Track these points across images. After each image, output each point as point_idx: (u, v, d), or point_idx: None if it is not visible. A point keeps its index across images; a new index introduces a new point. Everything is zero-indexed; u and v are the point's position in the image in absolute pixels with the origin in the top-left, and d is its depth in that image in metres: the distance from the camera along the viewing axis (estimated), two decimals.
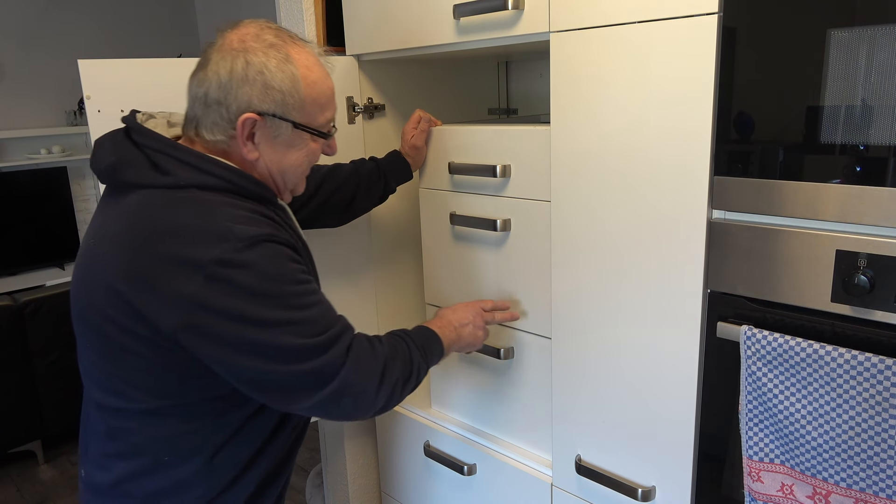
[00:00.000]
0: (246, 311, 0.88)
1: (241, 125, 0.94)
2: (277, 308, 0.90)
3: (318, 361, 0.93)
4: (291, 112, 0.96)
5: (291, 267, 0.93)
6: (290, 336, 0.91)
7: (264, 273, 0.89)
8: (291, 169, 1.02)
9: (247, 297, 0.88)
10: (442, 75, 1.78)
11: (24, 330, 2.68)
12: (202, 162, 0.94)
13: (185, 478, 0.99)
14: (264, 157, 0.99)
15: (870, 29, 0.82)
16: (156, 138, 0.95)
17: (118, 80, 1.32)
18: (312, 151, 1.03)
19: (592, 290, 1.19)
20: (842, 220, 0.89)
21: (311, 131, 1.00)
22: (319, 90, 0.98)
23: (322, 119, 1.01)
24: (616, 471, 1.23)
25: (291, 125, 0.97)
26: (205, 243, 0.87)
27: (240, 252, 0.88)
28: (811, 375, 0.91)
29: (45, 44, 3.91)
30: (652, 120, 1.04)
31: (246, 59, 0.93)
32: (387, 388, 1.02)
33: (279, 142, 0.98)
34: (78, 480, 1.07)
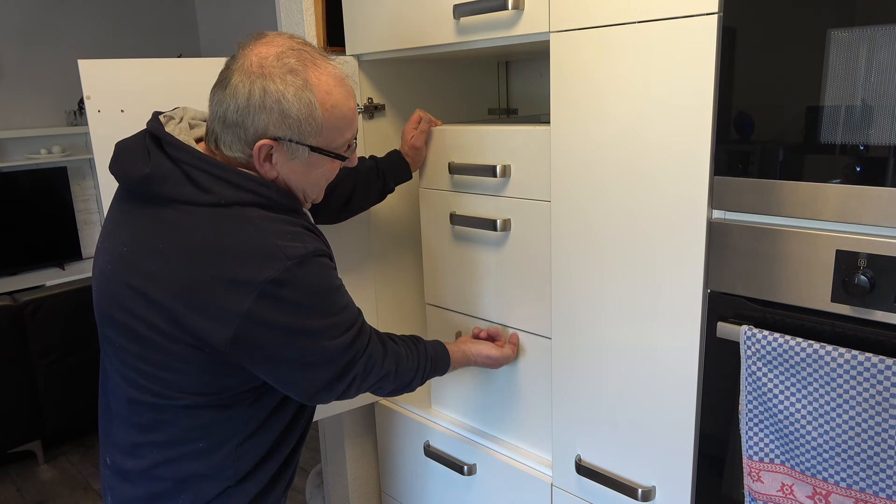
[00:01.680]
0: (293, 323, 0.95)
1: (257, 150, 0.96)
2: (320, 317, 0.98)
3: (343, 359, 1.02)
4: (308, 138, 0.97)
5: (333, 276, 1.01)
6: (327, 339, 0.99)
7: (311, 289, 0.96)
8: (310, 186, 1.04)
9: (295, 310, 0.94)
10: (442, 75, 1.78)
11: (24, 330, 2.68)
12: (240, 179, 0.96)
13: (216, 463, 1.04)
14: (283, 176, 1.01)
15: (870, 29, 0.82)
16: (189, 152, 0.96)
17: (118, 80, 1.32)
18: (330, 170, 1.05)
19: (592, 290, 1.19)
20: (842, 220, 0.89)
21: (329, 154, 1.01)
22: (339, 114, 0.98)
23: (340, 140, 1.01)
24: (616, 471, 1.23)
25: (309, 149, 0.98)
26: (258, 264, 0.91)
27: (290, 271, 0.92)
28: (811, 375, 0.91)
29: (45, 44, 3.91)
30: (652, 120, 1.04)
31: (264, 86, 0.93)
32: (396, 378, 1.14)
33: (297, 163, 0.99)
34: (101, 467, 1.11)
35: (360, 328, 1.05)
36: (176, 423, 1.01)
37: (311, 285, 0.95)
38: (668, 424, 1.13)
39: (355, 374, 1.04)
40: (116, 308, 0.98)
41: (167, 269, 0.93)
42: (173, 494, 1.03)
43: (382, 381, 1.11)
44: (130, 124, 1.37)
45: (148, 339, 0.95)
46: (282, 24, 1.64)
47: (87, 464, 2.88)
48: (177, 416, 1.00)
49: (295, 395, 1.03)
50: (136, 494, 1.04)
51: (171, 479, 1.03)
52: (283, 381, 1.00)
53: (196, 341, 0.93)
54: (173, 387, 0.98)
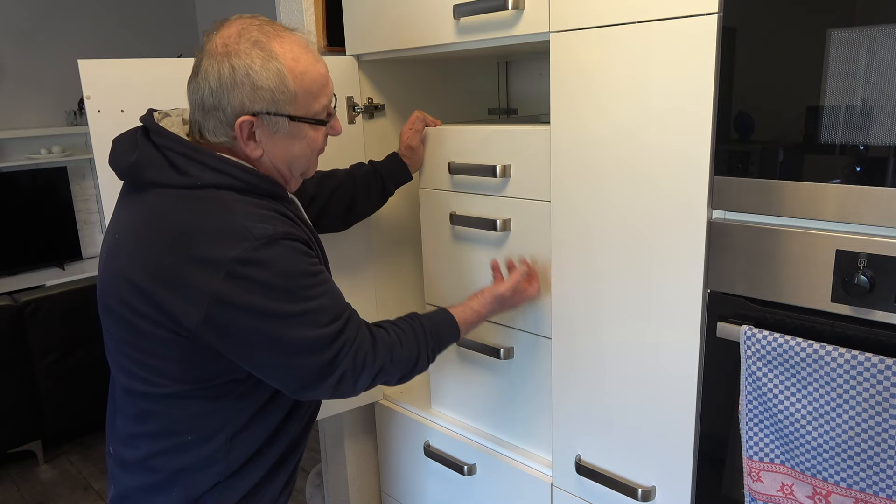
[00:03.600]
0: (263, 305, 0.92)
1: (238, 129, 0.97)
2: (293, 301, 0.94)
3: (329, 351, 0.98)
4: (284, 107, 0.98)
5: (305, 261, 0.97)
6: (304, 327, 0.96)
7: (280, 269, 0.93)
8: (296, 159, 1.04)
9: (264, 292, 0.92)
10: (442, 75, 1.78)
11: (24, 330, 2.68)
12: (217, 162, 0.97)
13: (207, 455, 1.04)
14: (268, 154, 1.01)
15: (870, 29, 0.82)
16: (173, 139, 0.98)
17: (118, 80, 1.32)
18: (314, 139, 1.05)
19: (592, 289, 1.19)
20: (842, 220, 0.89)
21: (308, 121, 1.01)
22: (310, 79, 0.99)
23: (318, 106, 1.02)
24: (616, 471, 1.23)
25: (288, 119, 0.99)
26: (225, 243, 0.91)
27: (257, 250, 0.91)
28: (811, 375, 0.91)
29: (45, 44, 3.91)
30: (652, 120, 1.04)
31: (231, 63, 0.95)
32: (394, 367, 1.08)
33: (280, 136, 1.00)
34: (106, 456, 1.13)
35: (347, 322, 1.01)
36: (165, 414, 1.02)
37: (279, 267, 0.93)
38: (668, 424, 1.13)
39: (344, 370, 1.00)
40: (109, 295, 0.99)
41: (143, 251, 0.95)
42: (167, 486, 1.04)
43: (381, 374, 1.07)
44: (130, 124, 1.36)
45: (134, 324, 0.96)
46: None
47: (87, 464, 2.88)
48: (166, 407, 1.01)
49: (281, 387, 1.01)
50: (133, 485, 1.06)
51: (164, 471, 1.04)
52: (262, 369, 0.98)
53: (174, 324, 0.94)
54: (159, 373, 0.99)
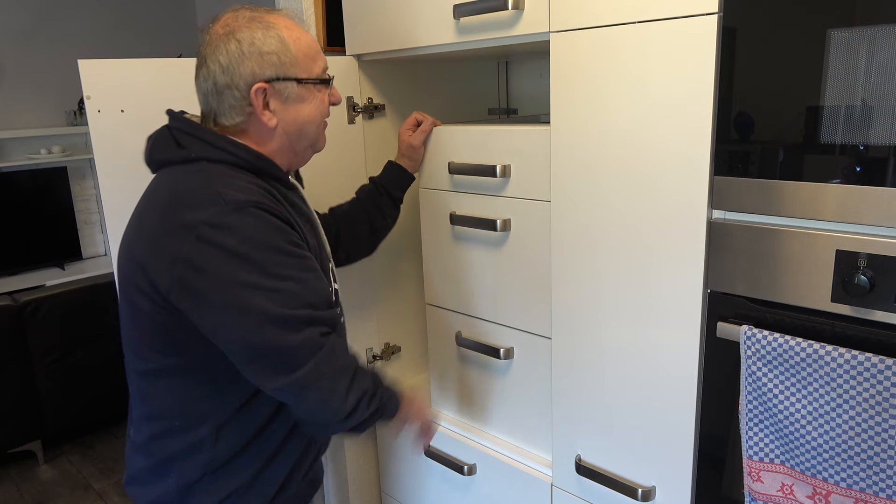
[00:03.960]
0: (226, 271, 0.93)
1: (254, 97, 1.02)
2: (256, 272, 0.94)
3: (291, 338, 0.96)
4: (290, 70, 1.04)
5: (277, 235, 0.97)
6: (265, 301, 0.94)
7: (247, 236, 0.94)
8: (308, 123, 1.09)
9: (229, 257, 0.93)
10: (442, 75, 1.78)
11: (24, 330, 2.68)
12: (213, 138, 1.03)
13: (195, 443, 1.06)
14: (282, 121, 1.06)
15: (870, 29, 0.82)
16: (182, 120, 1.05)
17: (118, 80, 1.32)
18: (321, 101, 1.10)
19: (592, 289, 1.19)
20: (842, 220, 0.89)
21: (313, 81, 1.07)
22: (305, 44, 1.06)
23: (318, 69, 1.08)
24: (616, 471, 1.23)
25: (295, 82, 1.05)
26: (198, 208, 0.94)
27: (226, 215, 0.93)
28: (811, 375, 0.91)
29: (45, 44, 3.90)
30: (652, 120, 1.04)
31: (236, 38, 1.01)
32: (354, 394, 1.03)
33: (291, 101, 1.06)
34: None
35: (319, 325, 0.98)
36: (156, 396, 1.06)
37: (247, 233, 0.94)
38: (668, 424, 1.13)
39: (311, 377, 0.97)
40: (119, 275, 1.05)
41: (141, 224, 1.00)
42: (164, 471, 1.07)
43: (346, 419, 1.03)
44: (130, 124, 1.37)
45: (133, 300, 1.01)
46: None
47: (87, 464, 2.88)
48: (156, 388, 1.05)
49: (246, 370, 0.99)
50: (141, 466, 1.10)
51: (160, 455, 1.07)
52: (230, 346, 0.97)
53: (155, 293, 0.97)
54: (149, 347, 1.03)
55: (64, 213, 3.97)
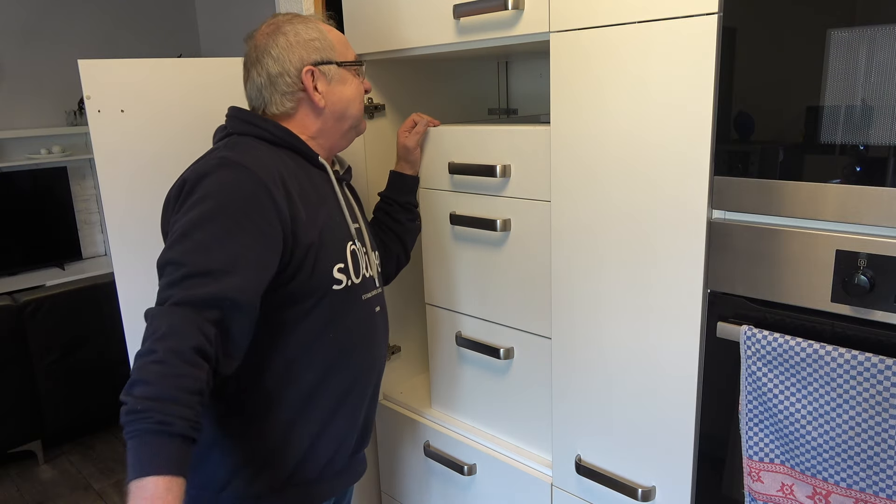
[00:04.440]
0: (191, 210, 0.99)
1: (306, 80, 1.15)
2: (203, 219, 0.98)
3: (161, 276, 0.97)
4: (331, 54, 1.18)
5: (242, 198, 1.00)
6: (185, 244, 0.96)
7: (216, 186, 1.01)
8: (350, 102, 1.21)
9: (198, 200, 1.00)
10: (442, 75, 1.78)
11: (24, 330, 2.68)
12: (249, 116, 1.16)
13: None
14: (329, 102, 1.18)
15: (870, 29, 0.82)
16: (233, 108, 1.18)
17: (118, 80, 1.33)
18: (359, 83, 1.24)
19: (592, 289, 1.19)
20: (842, 220, 0.89)
21: (351, 64, 1.22)
22: (337, 36, 1.21)
23: (351, 55, 1.23)
24: (616, 471, 1.23)
25: (336, 65, 1.18)
26: (199, 165, 1.04)
27: (213, 168, 1.02)
28: (811, 375, 0.91)
29: (45, 44, 3.90)
30: (652, 120, 1.04)
31: (282, 32, 1.16)
32: (135, 374, 0.88)
33: (334, 82, 1.19)
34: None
35: (176, 292, 0.92)
36: None
37: (217, 185, 1.00)
38: (668, 424, 1.13)
39: (151, 313, 0.92)
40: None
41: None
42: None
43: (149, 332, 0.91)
44: (130, 124, 1.37)
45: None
46: None
47: (87, 464, 2.88)
48: None
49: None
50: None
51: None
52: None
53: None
54: None
55: (64, 213, 3.97)
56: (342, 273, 1.15)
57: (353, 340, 1.18)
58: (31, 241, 3.85)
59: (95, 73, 1.30)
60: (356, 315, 1.19)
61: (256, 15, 3.89)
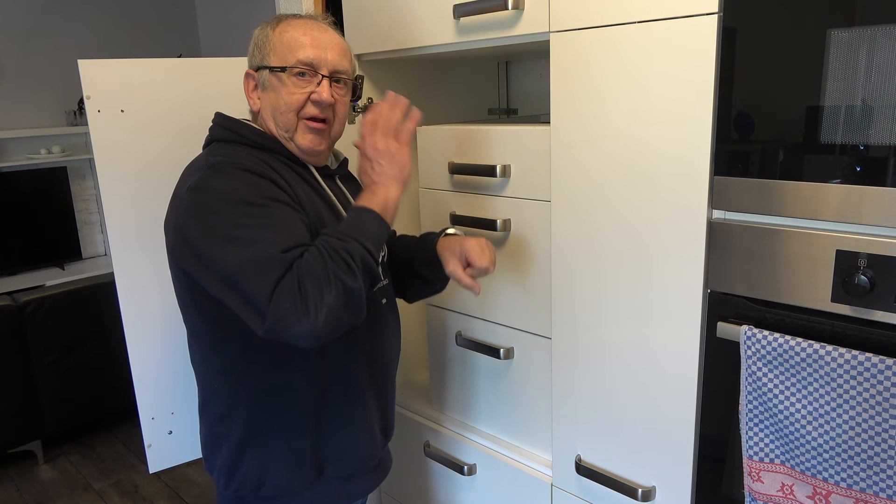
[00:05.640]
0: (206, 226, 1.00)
1: (245, 81, 1.17)
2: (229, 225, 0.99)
3: (257, 279, 0.96)
4: (266, 58, 1.13)
5: (248, 189, 1.02)
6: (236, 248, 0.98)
7: (221, 193, 1.01)
8: (274, 111, 1.13)
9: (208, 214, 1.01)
10: (442, 75, 1.78)
11: (24, 330, 2.68)
12: (228, 122, 1.15)
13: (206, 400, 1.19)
14: (262, 106, 1.16)
15: (870, 29, 0.82)
16: (217, 114, 1.17)
17: (118, 80, 1.33)
18: (288, 93, 1.12)
19: (592, 289, 1.19)
20: (842, 220, 0.89)
21: (279, 69, 1.12)
22: (290, 36, 1.12)
23: (292, 59, 1.11)
24: (616, 471, 1.23)
25: (268, 70, 1.13)
26: (190, 177, 1.06)
27: (206, 178, 1.03)
28: (811, 375, 0.91)
29: (45, 44, 3.90)
30: (652, 120, 1.04)
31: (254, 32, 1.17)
32: (313, 303, 0.95)
33: (266, 88, 1.14)
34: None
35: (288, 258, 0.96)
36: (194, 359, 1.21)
37: (221, 191, 1.01)
38: (668, 424, 1.13)
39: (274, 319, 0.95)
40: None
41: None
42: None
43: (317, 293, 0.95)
44: (130, 124, 1.37)
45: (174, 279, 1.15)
46: None
47: (87, 464, 2.88)
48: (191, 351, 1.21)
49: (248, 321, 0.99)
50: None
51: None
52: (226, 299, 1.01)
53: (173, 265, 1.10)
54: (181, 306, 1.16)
55: (64, 213, 3.97)
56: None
57: (361, 335, 1.17)
58: (31, 241, 3.85)
59: (95, 73, 1.30)
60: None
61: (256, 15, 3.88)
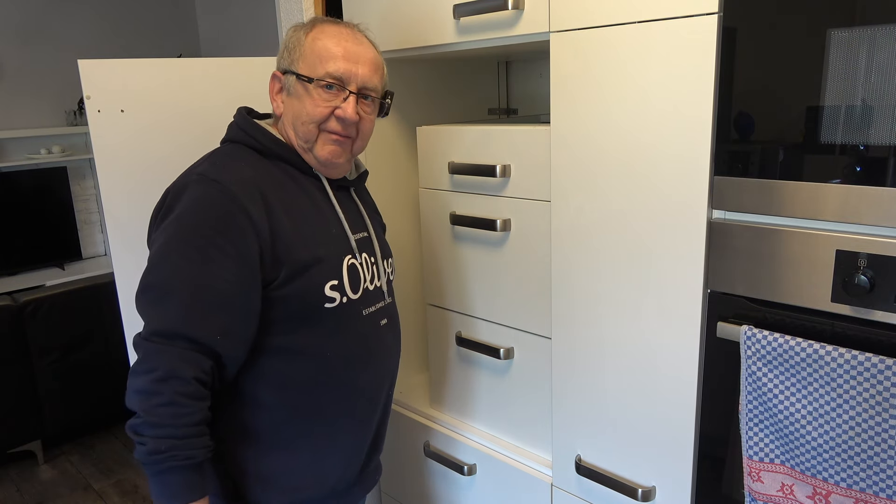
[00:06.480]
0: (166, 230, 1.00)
1: (270, 81, 1.14)
2: (175, 241, 0.99)
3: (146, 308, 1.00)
4: (295, 64, 1.10)
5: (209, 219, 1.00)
6: (150, 265, 1.00)
7: (187, 207, 1.00)
8: (296, 119, 1.11)
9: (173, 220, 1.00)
10: (442, 75, 1.78)
11: (24, 330, 2.68)
12: (243, 123, 1.13)
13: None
14: (284, 111, 1.13)
15: (870, 29, 0.82)
16: (240, 110, 1.16)
17: (118, 80, 1.32)
18: (313, 104, 1.09)
19: (592, 289, 1.19)
20: (842, 220, 0.89)
21: (306, 79, 1.09)
22: (322, 45, 1.09)
23: (321, 70, 1.08)
24: (616, 471, 1.23)
25: (295, 77, 1.10)
26: (181, 177, 1.05)
27: (187, 185, 1.02)
28: (811, 375, 0.91)
29: (45, 44, 3.90)
30: (652, 120, 1.04)
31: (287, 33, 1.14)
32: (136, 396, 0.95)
33: (290, 94, 1.12)
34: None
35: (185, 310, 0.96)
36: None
37: (188, 206, 1.00)
38: (668, 424, 1.13)
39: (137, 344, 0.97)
40: None
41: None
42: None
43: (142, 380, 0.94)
44: (130, 124, 1.37)
45: None
46: (281, 25, 1.64)
47: (87, 464, 2.88)
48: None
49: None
50: None
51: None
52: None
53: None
54: None
55: (64, 213, 3.97)
56: (335, 290, 1.09)
57: (355, 358, 1.14)
58: (31, 241, 3.85)
59: (95, 73, 1.30)
60: (356, 332, 1.14)
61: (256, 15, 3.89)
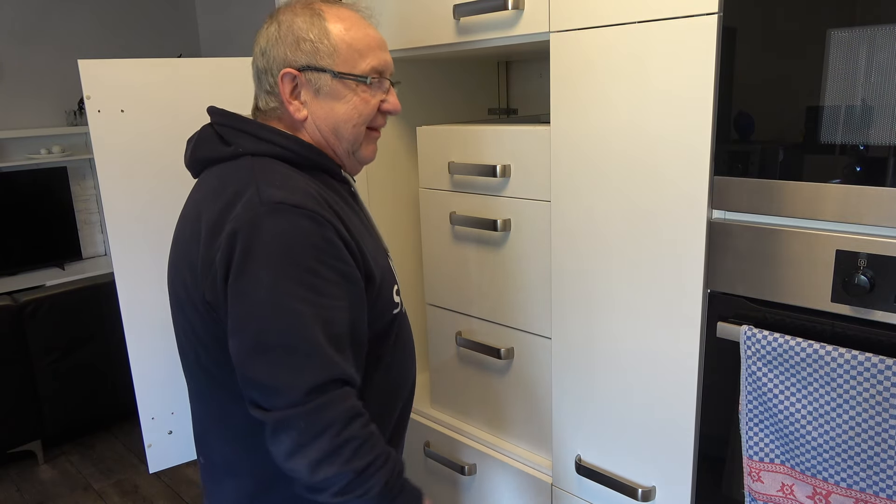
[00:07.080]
0: (249, 278, 0.84)
1: (280, 83, 0.95)
2: (270, 287, 0.83)
3: (276, 371, 0.83)
4: (325, 60, 0.95)
5: (309, 250, 0.85)
6: (260, 322, 0.83)
7: (276, 245, 0.84)
8: (342, 123, 0.98)
9: (257, 266, 0.84)
10: (442, 75, 1.78)
11: (24, 330, 2.68)
12: (258, 129, 0.95)
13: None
14: (313, 115, 0.98)
15: (870, 29, 0.82)
16: (222, 113, 0.98)
17: (118, 80, 1.33)
18: (362, 103, 0.98)
19: (592, 289, 1.19)
20: (842, 220, 0.89)
21: (351, 77, 0.96)
22: (353, 36, 0.96)
23: (364, 66, 0.97)
24: (616, 471, 1.23)
25: (330, 75, 0.95)
26: (232, 208, 0.87)
27: (260, 217, 0.84)
28: (811, 375, 0.91)
29: (45, 44, 3.90)
30: (652, 120, 1.04)
31: (277, 21, 0.97)
32: (330, 468, 0.84)
33: (323, 95, 0.97)
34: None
35: (325, 357, 0.83)
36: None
37: (277, 243, 0.83)
38: (668, 424, 1.13)
39: (281, 424, 0.82)
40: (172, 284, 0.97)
41: (187, 228, 0.94)
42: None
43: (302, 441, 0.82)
44: (130, 124, 1.37)
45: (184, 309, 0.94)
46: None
47: (87, 464, 2.88)
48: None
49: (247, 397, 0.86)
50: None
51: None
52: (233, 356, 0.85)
53: (192, 300, 0.90)
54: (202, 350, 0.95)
55: (64, 213, 3.97)
56: (398, 294, 1.04)
57: (409, 360, 1.10)
58: (31, 241, 3.84)
59: (95, 73, 1.30)
60: (408, 334, 1.09)
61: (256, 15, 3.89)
